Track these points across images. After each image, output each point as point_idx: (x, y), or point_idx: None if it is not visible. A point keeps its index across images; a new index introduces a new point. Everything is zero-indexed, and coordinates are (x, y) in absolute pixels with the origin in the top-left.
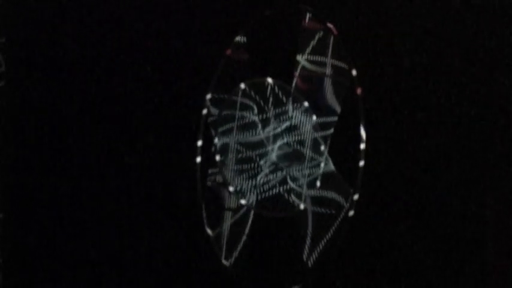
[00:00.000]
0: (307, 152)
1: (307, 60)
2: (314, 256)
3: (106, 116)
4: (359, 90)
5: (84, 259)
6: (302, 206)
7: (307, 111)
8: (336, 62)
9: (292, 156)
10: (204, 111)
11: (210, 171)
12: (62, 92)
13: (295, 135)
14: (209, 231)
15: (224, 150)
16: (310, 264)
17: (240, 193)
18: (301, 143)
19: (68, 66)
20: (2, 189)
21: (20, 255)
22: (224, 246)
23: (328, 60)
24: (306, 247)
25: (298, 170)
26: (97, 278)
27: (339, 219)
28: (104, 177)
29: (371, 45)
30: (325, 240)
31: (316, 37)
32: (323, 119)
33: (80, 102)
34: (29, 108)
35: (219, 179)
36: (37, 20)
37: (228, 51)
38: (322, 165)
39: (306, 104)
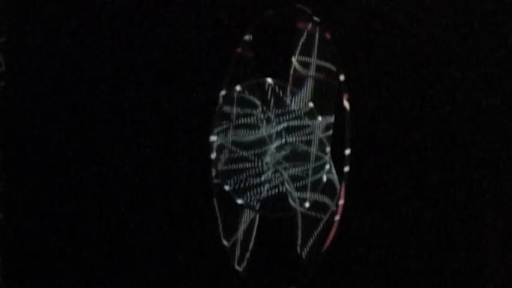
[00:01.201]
0: (314, 152)
1: (298, 61)
2: (306, 251)
3: (109, 115)
4: (346, 96)
5: (84, 260)
6: (307, 205)
7: (312, 112)
8: (323, 63)
9: (296, 157)
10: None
11: (213, 170)
12: (63, 91)
13: (300, 136)
14: (225, 242)
15: (220, 149)
16: (304, 256)
17: (237, 193)
18: (308, 143)
19: (71, 66)
20: (2, 189)
21: (20, 255)
22: (238, 253)
23: (313, 61)
24: (299, 243)
25: (301, 171)
26: (98, 279)
27: (323, 222)
28: (109, 178)
29: (362, 49)
30: (312, 240)
31: (302, 38)
32: (324, 120)
33: (82, 102)
34: (29, 108)
35: (218, 177)
36: (37, 20)
37: (239, 49)
38: (327, 166)
39: (311, 104)
